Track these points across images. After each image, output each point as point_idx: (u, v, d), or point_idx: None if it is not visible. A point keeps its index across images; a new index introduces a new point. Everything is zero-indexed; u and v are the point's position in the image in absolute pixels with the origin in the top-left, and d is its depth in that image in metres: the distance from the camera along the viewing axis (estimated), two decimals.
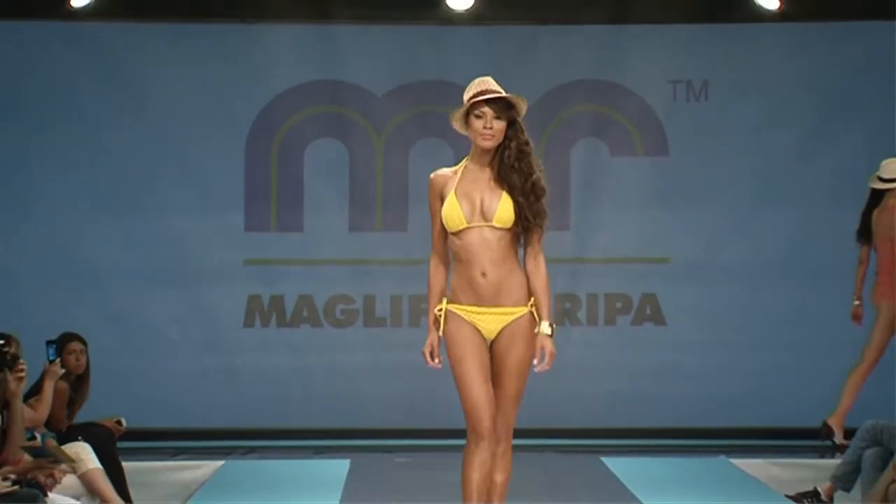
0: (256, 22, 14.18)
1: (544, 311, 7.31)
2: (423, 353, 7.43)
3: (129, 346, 13.72)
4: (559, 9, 13.98)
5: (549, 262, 7.33)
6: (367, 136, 14.34)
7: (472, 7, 13.05)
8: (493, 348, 7.34)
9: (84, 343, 11.56)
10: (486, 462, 7.31)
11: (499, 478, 7.46)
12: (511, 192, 7.23)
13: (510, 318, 7.28)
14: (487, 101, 7.26)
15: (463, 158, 7.40)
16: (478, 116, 7.27)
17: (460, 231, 7.25)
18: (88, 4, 12.79)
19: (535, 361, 7.21)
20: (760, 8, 12.97)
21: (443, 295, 7.45)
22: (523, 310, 7.29)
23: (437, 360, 7.38)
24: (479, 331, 7.32)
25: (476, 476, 7.30)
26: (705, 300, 14.14)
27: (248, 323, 14.32)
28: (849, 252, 13.92)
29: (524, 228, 7.28)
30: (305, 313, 14.35)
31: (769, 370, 14.03)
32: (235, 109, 14.23)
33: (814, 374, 13.93)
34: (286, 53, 14.30)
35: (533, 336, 7.26)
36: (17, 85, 13.98)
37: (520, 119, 7.35)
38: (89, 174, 14.05)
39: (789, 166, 14.11)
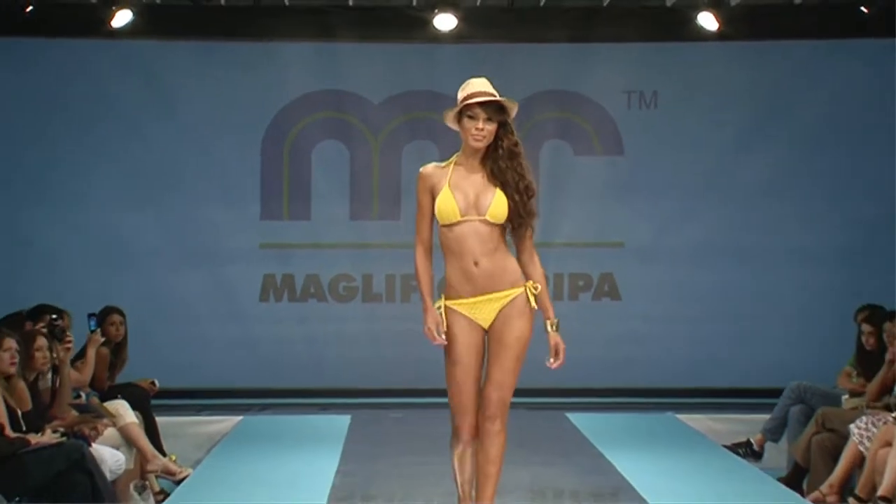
0: (271, 40, 14.15)
1: (550, 309, 6.82)
2: (429, 331, 6.70)
3: (161, 317, 13.69)
4: (529, 29, 13.96)
5: None
6: (365, 138, 14.32)
7: (455, 28, 13.04)
8: (490, 329, 6.76)
9: (123, 315, 11.60)
10: (469, 458, 6.85)
11: (496, 451, 6.78)
12: (505, 190, 6.71)
13: (506, 300, 6.71)
14: (480, 104, 6.73)
15: (453, 154, 6.90)
16: (470, 118, 6.74)
17: (453, 224, 6.70)
18: (127, 24, 12.76)
19: (550, 359, 6.79)
20: (702, 29, 12.97)
21: (431, 278, 6.85)
22: (518, 290, 6.73)
23: (443, 336, 6.70)
24: (477, 325, 6.74)
25: (467, 474, 6.89)
26: (655, 278, 14.15)
27: (264, 298, 14.30)
28: (779, 236, 14.04)
29: (516, 225, 6.75)
30: (312, 290, 14.34)
31: (710, 339, 14.05)
32: (252, 115, 14.20)
33: (748, 342, 13.98)
34: (296, 67, 14.28)
35: (529, 313, 6.74)
36: (66, 93, 13.94)
37: (510, 120, 6.81)
38: (128, 170, 14.02)
39: (727, 163, 14.11)
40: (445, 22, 13.02)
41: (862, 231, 14.01)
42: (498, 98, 6.76)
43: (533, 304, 6.76)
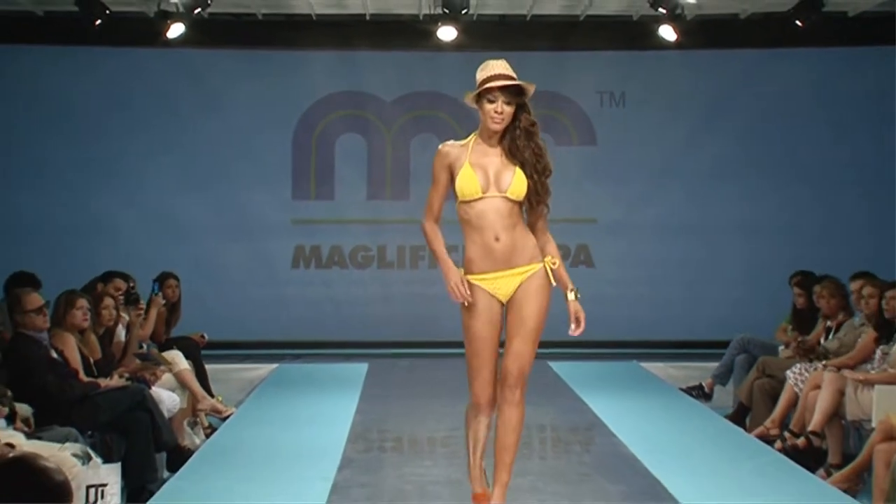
0: (300, 49, 14.16)
1: (568, 281, 6.09)
2: (454, 289, 5.88)
3: (209, 281, 13.69)
4: (518, 40, 13.89)
5: None
6: (380, 131, 14.31)
7: (455, 38, 13.00)
8: (509, 302, 5.96)
9: (177, 279, 11.61)
10: (486, 428, 6.03)
11: (514, 422, 5.96)
12: (524, 169, 5.95)
13: (526, 275, 5.93)
14: (500, 88, 5.89)
15: (472, 133, 6.09)
16: (490, 101, 5.87)
17: (474, 200, 5.89)
18: (179, 36, 12.71)
19: (571, 327, 6.03)
20: (663, 39, 12.92)
21: (443, 240, 6.04)
22: (537, 266, 5.97)
23: (468, 294, 5.89)
24: (496, 300, 5.94)
25: (481, 438, 6.07)
26: (622, 249, 14.16)
27: (295, 265, 14.31)
28: (726, 213, 14.08)
29: (534, 203, 6.04)
30: (336, 258, 14.34)
31: (668, 299, 14.08)
32: (285, 112, 14.21)
33: (700, 301, 14.02)
34: (321, 71, 14.29)
35: (547, 288, 5.99)
36: (129, 93, 13.97)
37: (528, 101, 6.00)
38: (180, 158, 14.04)
39: (683, 153, 14.12)
40: (447, 33, 12.99)
41: (794, 209, 14.05)
42: (516, 82, 5.95)
43: (551, 278, 6.03)
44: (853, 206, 13.96)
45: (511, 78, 5.94)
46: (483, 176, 5.90)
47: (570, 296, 6.09)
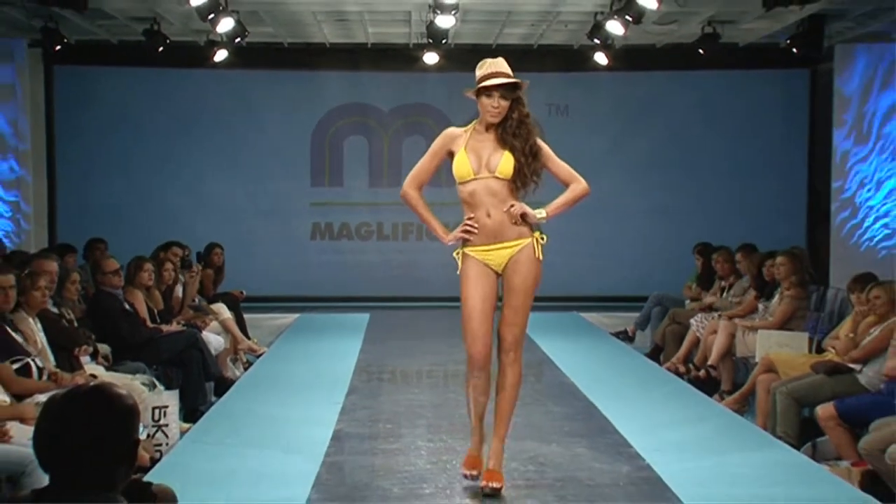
0: (317, 70, 14.08)
1: (552, 210, 5.51)
2: (462, 230, 5.34)
3: (246, 251, 13.61)
4: None
5: None
6: (379, 134, 14.27)
7: (437, 62, 13.00)
8: (503, 273, 5.35)
9: (222, 248, 11.64)
10: (484, 387, 5.33)
11: (510, 381, 5.36)
12: (513, 153, 5.29)
13: (516, 249, 5.32)
14: (496, 86, 5.30)
15: (472, 121, 5.51)
16: (487, 97, 5.31)
17: (468, 181, 5.30)
18: (224, 59, 12.70)
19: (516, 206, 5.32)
20: (597, 64, 12.92)
21: (428, 207, 5.49)
22: (526, 240, 5.35)
23: (473, 223, 5.31)
24: (490, 269, 5.33)
25: (481, 400, 5.37)
26: (567, 225, 14.04)
27: (313, 238, 14.28)
28: (645, 198, 14.10)
29: (521, 184, 5.34)
30: (344, 232, 14.32)
31: (601, 264, 14.09)
32: (305, 118, 14.15)
33: (626, 265, 14.03)
34: (334, 88, 14.21)
35: (535, 260, 5.36)
36: (186, 106, 13.91)
37: (522, 94, 5.42)
38: (224, 156, 13.99)
39: (613, 151, 14.08)
40: (431, 58, 12.98)
41: (698, 195, 14.09)
42: (510, 81, 5.35)
43: (538, 253, 5.38)
44: (744, 193, 14.03)
45: (506, 75, 5.35)
46: (476, 159, 5.30)
47: (539, 211, 5.41)
